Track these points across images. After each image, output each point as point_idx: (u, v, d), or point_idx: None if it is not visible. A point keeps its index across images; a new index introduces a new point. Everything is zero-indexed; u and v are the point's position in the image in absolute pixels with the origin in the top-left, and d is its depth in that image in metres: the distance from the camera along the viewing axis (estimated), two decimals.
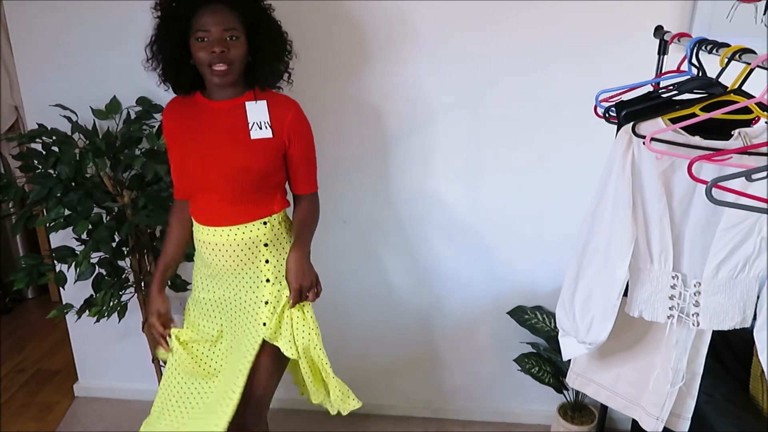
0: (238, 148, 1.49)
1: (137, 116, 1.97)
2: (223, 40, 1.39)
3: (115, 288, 1.93)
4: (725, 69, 1.19)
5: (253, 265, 1.57)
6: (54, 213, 1.82)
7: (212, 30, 1.39)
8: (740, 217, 1.22)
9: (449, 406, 2.41)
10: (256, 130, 1.49)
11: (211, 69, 1.42)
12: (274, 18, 1.52)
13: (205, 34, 1.39)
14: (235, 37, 1.41)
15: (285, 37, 1.53)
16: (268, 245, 1.57)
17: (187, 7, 1.41)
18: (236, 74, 1.45)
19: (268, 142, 1.50)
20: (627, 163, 1.26)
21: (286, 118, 1.51)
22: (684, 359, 1.42)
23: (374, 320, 2.31)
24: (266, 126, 1.50)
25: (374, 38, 1.93)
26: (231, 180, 1.50)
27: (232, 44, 1.41)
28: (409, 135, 2.03)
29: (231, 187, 1.50)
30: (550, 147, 2.00)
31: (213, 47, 1.39)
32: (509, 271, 2.18)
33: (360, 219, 2.17)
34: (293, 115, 1.52)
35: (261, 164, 1.51)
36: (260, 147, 1.50)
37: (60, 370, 2.74)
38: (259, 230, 1.55)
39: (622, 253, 1.31)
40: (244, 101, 1.51)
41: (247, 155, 1.49)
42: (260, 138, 1.49)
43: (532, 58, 1.91)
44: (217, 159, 1.50)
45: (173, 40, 1.45)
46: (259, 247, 1.56)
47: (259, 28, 1.45)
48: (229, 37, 1.40)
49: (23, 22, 2.02)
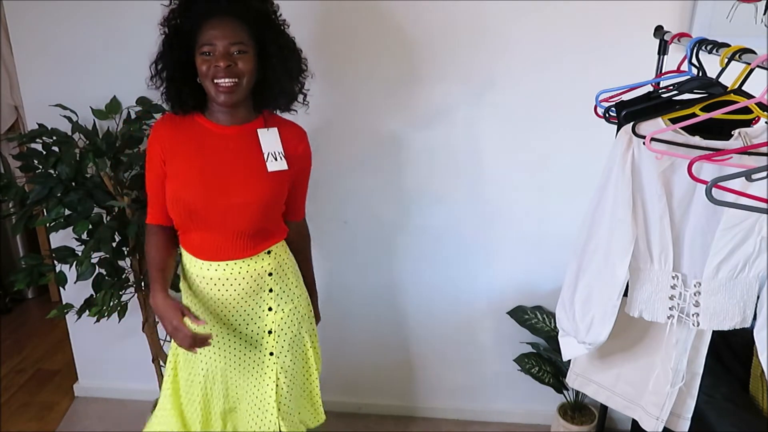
0: (254, 181, 1.39)
1: (137, 116, 1.97)
2: (229, 54, 1.29)
3: (115, 288, 1.92)
4: (725, 69, 1.18)
5: (256, 295, 1.48)
6: (54, 213, 1.82)
7: (218, 44, 1.29)
8: (740, 217, 1.22)
9: (449, 406, 2.41)
10: (272, 162, 1.39)
11: (216, 85, 1.31)
12: (287, 34, 1.41)
13: (211, 48, 1.29)
14: (242, 51, 1.31)
15: (299, 54, 1.42)
16: (272, 274, 1.49)
17: (192, 21, 1.32)
18: (243, 92, 1.34)
19: (283, 174, 1.41)
20: (627, 163, 1.26)
21: (299, 149, 1.46)
22: (684, 359, 1.42)
23: (374, 320, 2.31)
24: (281, 157, 1.40)
25: (375, 38, 1.93)
26: (245, 214, 1.39)
27: (239, 58, 1.30)
28: (410, 136, 2.03)
29: (243, 221, 1.39)
30: (550, 147, 2.00)
31: (218, 61, 1.28)
32: (509, 271, 2.19)
33: (361, 219, 2.17)
34: (305, 147, 1.48)
35: (278, 197, 1.44)
36: (277, 180, 1.41)
37: (60, 370, 2.74)
38: (264, 260, 1.47)
39: (622, 253, 1.31)
40: (256, 128, 1.40)
41: (264, 189, 1.39)
42: (277, 170, 1.40)
43: (533, 59, 1.91)
44: (228, 191, 1.37)
45: (177, 56, 1.35)
46: (264, 277, 1.47)
47: (269, 43, 1.35)
48: (237, 51, 1.30)
49: (23, 22, 2.02)
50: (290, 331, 1.53)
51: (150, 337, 2.12)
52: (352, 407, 2.43)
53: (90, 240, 1.84)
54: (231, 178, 1.38)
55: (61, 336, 2.92)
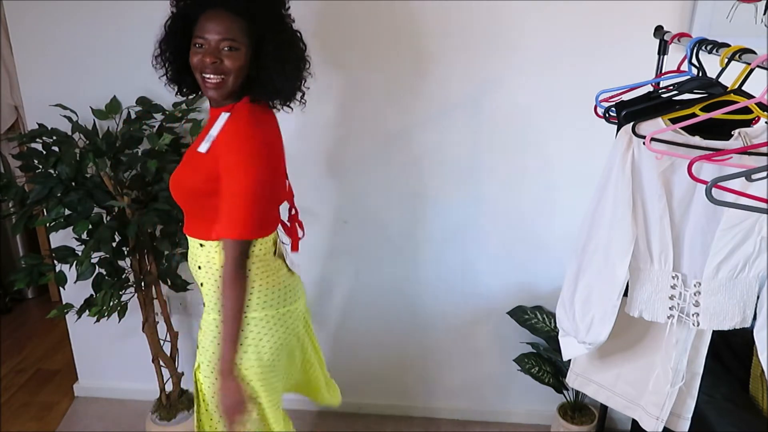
0: (183, 159, 1.43)
1: (137, 116, 1.97)
2: (219, 50, 1.28)
3: (116, 288, 1.92)
4: (725, 69, 1.19)
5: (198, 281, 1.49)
6: (54, 213, 1.82)
7: (209, 38, 1.28)
8: (740, 217, 1.22)
9: (449, 406, 2.41)
10: (204, 144, 1.35)
11: (203, 79, 1.31)
12: (290, 29, 1.38)
13: (202, 41, 1.29)
14: (233, 48, 1.29)
15: (300, 54, 1.39)
16: (201, 268, 1.45)
17: (192, 10, 1.32)
18: (229, 88, 1.32)
19: (201, 157, 1.35)
20: (627, 163, 1.26)
21: (220, 132, 1.34)
22: (684, 359, 1.42)
23: (374, 320, 2.31)
24: (210, 141, 1.34)
25: (375, 38, 1.93)
26: (172, 188, 1.42)
27: (227, 55, 1.29)
28: (410, 136, 2.03)
29: (174, 196, 1.43)
30: (550, 147, 2.00)
31: (206, 56, 1.28)
32: (509, 271, 2.19)
33: (361, 219, 2.17)
34: (225, 128, 1.33)
35: (189, 179, 1.38)
36: (194, 161, 1.37)
37: (60, 370, 2.74)
38: (196, 249, 1.44)
39: (622, 253, 1.31)
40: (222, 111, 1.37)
41: (182, 167, 1.41)
42: (200, 152, 1.35)
43: (533, 59, 1.91)
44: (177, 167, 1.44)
45: (179, 42, 1.36)
46: (195, 266, 1.47)
47: (267, 40, 1.32)
48: (227, 47, 1.28)
49: (23, 22, 2.02)
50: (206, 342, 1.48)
51: (150, 337, 2.12)
52: (352, 407, 2.43)
53: (90, 240, 1.84)
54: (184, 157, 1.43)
55: (61, 336, 2.92)
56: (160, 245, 1.92)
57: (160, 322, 2.17)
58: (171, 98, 2.01)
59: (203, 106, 2.06)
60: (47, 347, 2.92)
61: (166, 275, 2.04)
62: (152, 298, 2.08)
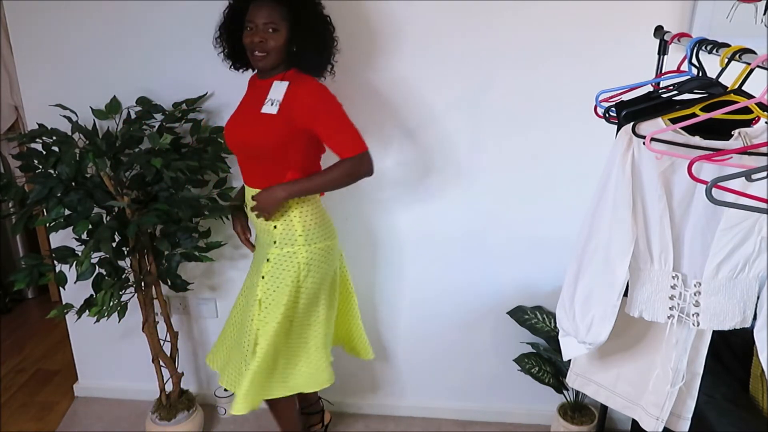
0: (246, 120, 1.72)
1: (137, 116, 1.97)
2: (264, 31, 1.61)
3: (115, 288, 1.92)
4: (725, 69, 1.19)
5: (266, 226, 1.76)
6: (54, 213, 1.82)
7: (256, 22, 1.62)
8: (740, 217, 1.22)
9: (449, 406, 2.41)
10: (267, 106, 1.66)
11: (253, 55, 1.65)
12: (321, 13, 1.69)
13: (251, 25, 1.63)
14: (275, 29, 1.62)
15: (329, 31, 1.71)
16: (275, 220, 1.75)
17: (242, 2, 1.67)
18: (273, 61, 1.65)
19: (270, 118, 1.65)
20: (627, 163, 1.26)
21: (295, 99, 1.65)
22: (684, 359, 1.42)
23: (374, 320, 2.31)
24: (276, 104, 1.65)
25: (372, 37, 1.93)
26: (240, 149, 1.74)
27: (270, 36, 1.62)
28: (408, 135, 2.03)
29: (242, 155, 1.76)
30: (550, 147, 2.00)
31: (254, 36, 1.62)
32: (509, 271, 2.19)
33: (361, 219, 2.17)
34: (301, 95, 1.65)
35: (260, 139, 1.68)
36: (262, 122, 1.66)
37: (60, 370, 2.74)
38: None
39: (622, 253, 1.31)
40: (274, 80, 1.69)
41: (247, 128, 1.70)
42: (266, 113, 1.66)
43: (532, 59, 1.91)
44: (233, 128, 1.75)
45: (232, 27, 1.71)
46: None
47: (302, 22, 1.64)
48: (271, 29, 1.61)
49: (23, 22, 2.02)
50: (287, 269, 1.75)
51: (150, 337, 2.12)
52: (352, 407, 2.43)
53: (90, 240, 1.84)
54: (240, 117, 1.75)
55: (61, 336, 2.92)
56: (160, 245, 1.92)
57: (160, 322, 2.17)
58: (171, 98, 2.02)
59: (203, 106, 2.06)
60: (47, 347, 2.92)
61: (166, 275, 2.04)
62: (152, 298, 2.09)
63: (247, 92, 1.81)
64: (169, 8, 1.95)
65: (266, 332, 1.74)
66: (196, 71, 2.01)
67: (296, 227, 1.74)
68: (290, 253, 1.74)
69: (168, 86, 2.03)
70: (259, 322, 1.74)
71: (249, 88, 1.81)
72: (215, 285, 2.34)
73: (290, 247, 1.74)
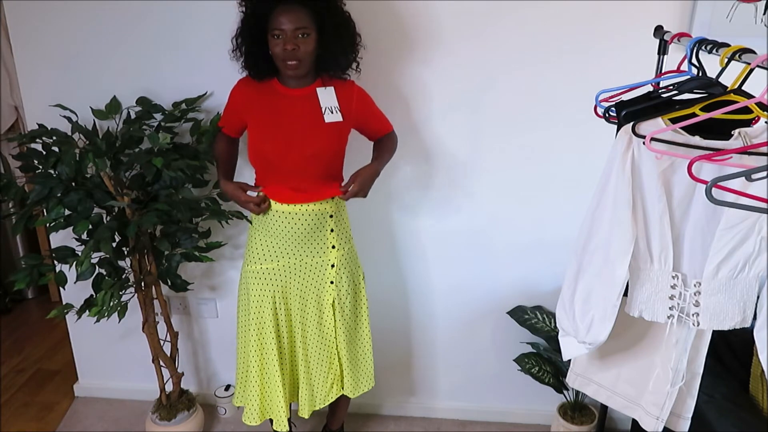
0: (314, 132, 1.68)
1: (137, 116, 1.97)
2: (295, 37, 1.56)
3: (115, 288, 1.92)
4: (725, 69, 1.18)
5: (320, 232, 1.78)
6: (54, 213, 1.82)
7: (285, 28, 1.55)
8: (740, 217, 1.22)
9: (449, 406, 2.42)
10: (329, 115, 1.68)
11: (285, 64, 1.60)
12: (343, 12, 1.66)
13: (280, 32, 1.56)
14: (306, 34, 1.57)
15: (353, 31, 1.68)
16: (333, 216, 1.79)
17: (265, 7, 1.59)
18: (306, 67, 1.63)
19: (339, 125, 1.70)
20: (627, 163, 1.26)
21: (352, 101, 1.72)
22: (684, 359, 1.42)
23: (374, 320, 2.30)
24: (336, 111, 1.68)
25: (372, 37, 1.93)
26: (309, 163, 1.70)
27: (302, 41, 1.57)
28: (408, 134, 2.03)
29: (309, 169, 1.71)
30: (550, 147, 2.00)
31: (286, 44, 1.56)
32: (509, 271, 2.19)
33: (361, 219, 2.17)
34: (356, 91, 1.74)
35: (335, 146, 1.72)
36: (333, 130, 1.69)
37: (60, 370, 2.74)
38: (328, 203, 1.77)
39: (622, 253, 1.31)
40: (315, 88, 1.69)
41: (323, 139, 1.69)
42: (333, 122, 1.68)
43: (532, 59, 1.91)
44: (297, 144, 1.68)
45: (253, 34, 1.63)
46: (326, 217, 1.78)
47: (327, 23, 1.60)
48: (301, 35, 1.57)
49: (23, 22, 2.02)
50: (349, 266, 1.87)
51: (150, 338, 2.12)
52: (352, 407, 2.43)
53: (90, 240, 1.84)
54: (299, 132, 1.68)
55: (61, 336, 2.92)
56: (160, 245, 1.92)
57: (160, 322, 2.17)
58: (171, 98, 2.02)
59: (203, 106, 2.06)
60: (47, 347, 2.92)
61: (166, 275, 2.04)
62: (152, 298, 2.08)
63: (273, 102, 1.70)
64: (169, 8, 1.95)
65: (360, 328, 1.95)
66: (196, 71, 2.01)
67: (347, 224, 1.87)
68: (350, 250, 1.87)
69: (168, 86, 2.03)
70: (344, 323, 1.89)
71: (269, 96, 1.70)
72: (215, 285, 2.34)
73: (348, 243, 1.86)
